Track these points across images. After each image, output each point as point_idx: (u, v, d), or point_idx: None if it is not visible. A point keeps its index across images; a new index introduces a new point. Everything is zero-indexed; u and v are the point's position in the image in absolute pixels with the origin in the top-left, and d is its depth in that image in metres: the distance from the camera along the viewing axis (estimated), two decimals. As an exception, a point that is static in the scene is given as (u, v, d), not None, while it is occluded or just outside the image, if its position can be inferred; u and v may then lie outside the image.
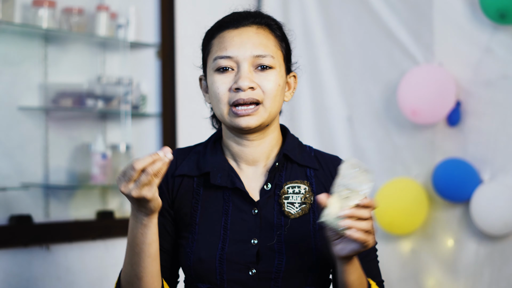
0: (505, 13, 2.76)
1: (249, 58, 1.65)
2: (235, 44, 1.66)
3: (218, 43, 1.68)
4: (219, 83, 1.66)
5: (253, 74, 1.65)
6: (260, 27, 1.69)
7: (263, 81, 1.65)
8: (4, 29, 2.85)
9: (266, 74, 1.66)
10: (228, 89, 1.65)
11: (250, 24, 1.69)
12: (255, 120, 1.65)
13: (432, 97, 2.96)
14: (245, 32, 1.67)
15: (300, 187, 1.70)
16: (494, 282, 2.89)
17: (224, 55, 1.65)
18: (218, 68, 1.66)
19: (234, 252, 1.64)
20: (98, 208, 3.11)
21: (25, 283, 2.77)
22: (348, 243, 1.52)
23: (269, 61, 1.66)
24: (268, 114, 1.66)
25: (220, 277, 1.64)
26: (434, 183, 2.98)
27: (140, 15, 3.23)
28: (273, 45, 1.69)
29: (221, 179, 1.68)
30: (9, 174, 2.87)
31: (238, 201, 1.67)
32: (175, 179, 1.73)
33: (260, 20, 1.70)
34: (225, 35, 1.68)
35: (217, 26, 1.71)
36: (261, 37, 1.67)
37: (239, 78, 1.64)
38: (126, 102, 3.14)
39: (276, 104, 1.67)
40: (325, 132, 3.39)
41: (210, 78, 1.68)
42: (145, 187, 1.48)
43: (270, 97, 1.65)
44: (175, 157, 1.75)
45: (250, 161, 1.71)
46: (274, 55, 1.67)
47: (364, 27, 3.27)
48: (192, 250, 1.66)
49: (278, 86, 1.67)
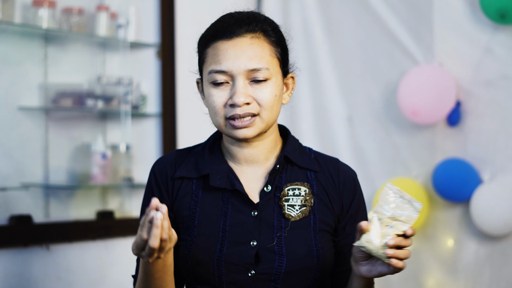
0: (505, 13, 2.76)
1: (243, 72, 1.63)
2: (229, 58, 1.63)
3: (212, 54, 1.66)
4: (215, 97, 1.65)
5: (248, 87, 1.64)
6: (254, 35, 1.65)
7: (259, 93, 1.64)
8: (4, 29, 2.84)
9: (262, 86, 1.64)
10: (223, 103, 1.64)
11: (243, 33, 1.65)
12: (252, 132, 1.65)
13: (432, 97, 2.96)
14: (239, 43, 1.64)
15: (300, 189, 1.69)
16: (494, 282, 2.89)
17: (218, 69, 1.64)
18: (213, 82, 1.65)
19: (232, 253, 1.64)
20: (98, 208, 3.11)
21: (25, 283, 2.77)
22: (376, 266, 1.53)
23: (264, 75, 1.64)
24: (266, 124, 1.66)
25: (219, 279, 1.64)
26: (434, 183, 2.98)
27: (140, 15, 3.23)
28: (268, 54, 1.66)
29: (220, 181, 1.68)
30: (9, 174, 2.87)
31: (237, 203, 1.67)
32: (175, 181, 1.72)
33: (254, 27, 1.66)
34: (219, 47, 1.65)
35: (211, 34, 1.67)
36: (255, 48, 1.64)
37: (234, 93, 1.63)
38: (126, 102, 3.14)
39: (274, 113, 1.67)
40: (325, 132, 3.39)
41: (206, 90, 1.67)
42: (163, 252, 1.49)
43: (267, 109, 1.65)
44: (174, 159, 1.75)
45: (249, 162, 1.71)
46: (269, 65, 1.65)
47: (364, 27, 3.27)
48: (190, 253, 1.66)
49: (274, 97, 1.66)
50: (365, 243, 1.49)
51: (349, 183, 1.74)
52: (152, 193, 1.73)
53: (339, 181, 1.73)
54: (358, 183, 1.77)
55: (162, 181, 1.73)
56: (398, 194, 1.52)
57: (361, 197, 1.76)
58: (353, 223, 1.71)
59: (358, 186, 1.76)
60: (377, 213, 1.51)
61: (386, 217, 1.50)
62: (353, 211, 1.73)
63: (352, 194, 1.73)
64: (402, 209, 1.51)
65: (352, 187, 1.74)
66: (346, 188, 1.73)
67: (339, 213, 1.71)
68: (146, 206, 1.72)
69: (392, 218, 1.50)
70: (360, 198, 1.76)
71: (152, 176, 1.75)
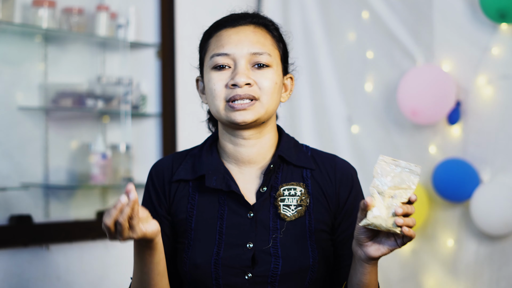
0: (505, 13, 2.76)
1: (246, 55, 1.65)
2: (232, 42, 1.66)
3: (215, 41, 1.68)
4: (216, 79, 1.65)
5: (250, 71, 1.65)
6: (258, 26, 1.69)
7: (260, 78, 1.65)
8: (4, 29, 2.85)
9: (263, 72, 1.66)
10: (224, 85, 1.65)
11: (247, 23, 1.69)
12: (251, 115, 1.64)
13: (432, 97, 2.96)
14: (243, 30, 1.67)
15: (296, 189, 1.69)
16: (494, 282, 2.89)
17: (221, 52, 1.65)
18: (215, 66, 1.66)
19: (229, 256, 1.63)
20: (98, 208, 3.11)
21: (25, 283, 2.77)
22: (383, 243, 1.51)
23: (266, 59, 1.66)
24: (265, 110, 1.65)
25: (216, 282, 1.64)
26: (434, 183, 2.98)
27: (140, 15, 3.23)
28: (270, 44, 1.69)
29: (216, 182, 1.67)
30: (9, 174, 2.87)
31: (233, 205, 1.67)
32: (172, 185, 1.72)
33: (257, 20, 1.70)
34: (223, 34, 1.68)
35: (214, 25, 1.71)
36: (258, 36, 1.67)
37: (236, 74, 1.64)
38: (126, 102, 3.14)
39: (273, 101, 1.67)
40: (325, 132, 3.39)
41: (207, 76, 1.68)
42: (127, 232, 1.48)
43: (267, 93, 1.65)
44: (171, 162, 1.75)
45: (246, 162, 1.70)
46: (271, 53, 1.67)
47: (364, 27, 3.27)
48: (188, 256, 1.66)
49: (275, 84, 1.66)
50: (372, 219, 1.46)
51: (346, 179, 1.72)
52: (150, 197, 1.74)
53: (336, 178, 1.71)
54: (356, 179, 1.75)
55: (159, 185, 1.73)
56: (393, 164, 1.51)
57: (359, 193, 1.74)
58: (349, 219, 1.70)
59: (356, 182, 1.74)
60: (376, 187, 1.49)
61: (387, 189, 1.48)
62: (349, 207, 1.71)
63: (348, 190, 1.71)
64: (401, 177, 1.49)
65: (349, 183, 1.72)
66: (343, 184, 1.71)
67: (335, 210, 1.70)
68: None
69: (393, 188, 1.49)
70: (357, 194, 1.73)
71: (149, 180, 1.75)
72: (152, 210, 1.71)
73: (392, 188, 1.49)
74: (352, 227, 1.68)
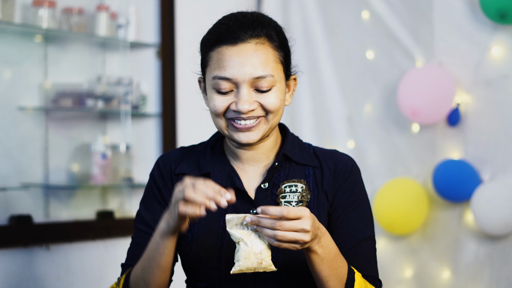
0: (505, 13, 2.76)
1: (248, 80, 1.62)
2: (234, 65, 1.62)
3: (216, 59, 1.64)
4: (218, 101, 1.64)
5: (253, 94, 1.64)
6: (259, 40, 1.64)
7: (264, 99, 1.64)
8: (4, 29, 2.85)
9: (267, 94, 1.64)
10: (226, 107, 1.64)
11: (248, 38, 1.63)
12: (255, 135, 1.65)
13: (432, 97, 2.96)
14: (244, 50, 1.62)
15: (297, 185, 1.70)
16: (494, 282, 2.89)
17: (223, 76, 1.62)
18: (217, 90, 1.64)
19: (231, 251, 1.63)
20: (98, 208, 3.11)
21: (25, 283, 2.77)
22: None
23: (269, 83, 1.63)
24: (270, 126, 1.66)
25: (219, 276, 1.65)
26: (434, 183, 2.98)
27: (140, 15, 3.23)
28: (273, 60, 1.65)
29: (221, 180, 1.69)
30: (9, 174, 2.87)
31: (237, 201, 1.67)
32: (178, 177, 1.73)
33: (259, 31, 1.65)
34: (224, 52, 1.63)
35: (215, 38, 1.66)
36: (260, 55, 1.63)
37: (238, 100, 1.63)
38: (126, 102, 3.14)
39: (278, 116, 1.67)
40: (325, 132, 3.39)
41: (209, 93, 1.67)
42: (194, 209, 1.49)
43: (272, 112, 1.65)
44: (179, 156, 1.76)
45: (250, 161, 1.72)
46: (274, 72, 1.64)
47: (364, 27, 3.27)
48: (192, 249, 1.67)
49: (279, 101, 1.66)
50: (243, 266, 1.49)
51: (344, 170, 1.72)
52: (155, 185, 1.74)
53: (335, 171, 1.72)
54: (356, 169, 1.74)
55: (166, 174, 1.74)
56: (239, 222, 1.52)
57: (358, 183, 1.73)
58: (341, 207, 1.69)
59: (355, 171, 1.73)
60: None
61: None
62: (345, 190, 1.70)
63: (345, 178, 1.71)
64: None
65: (346, 173, 1.71)
66: (341, 174, 1.71)
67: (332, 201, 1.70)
68: (147, 200, 1.73)
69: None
70: (355, 183, 1.72)
71: (156, 169, 1.76)
72: (157, 199, 1.73)
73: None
74: (344, 216, 1.68)
